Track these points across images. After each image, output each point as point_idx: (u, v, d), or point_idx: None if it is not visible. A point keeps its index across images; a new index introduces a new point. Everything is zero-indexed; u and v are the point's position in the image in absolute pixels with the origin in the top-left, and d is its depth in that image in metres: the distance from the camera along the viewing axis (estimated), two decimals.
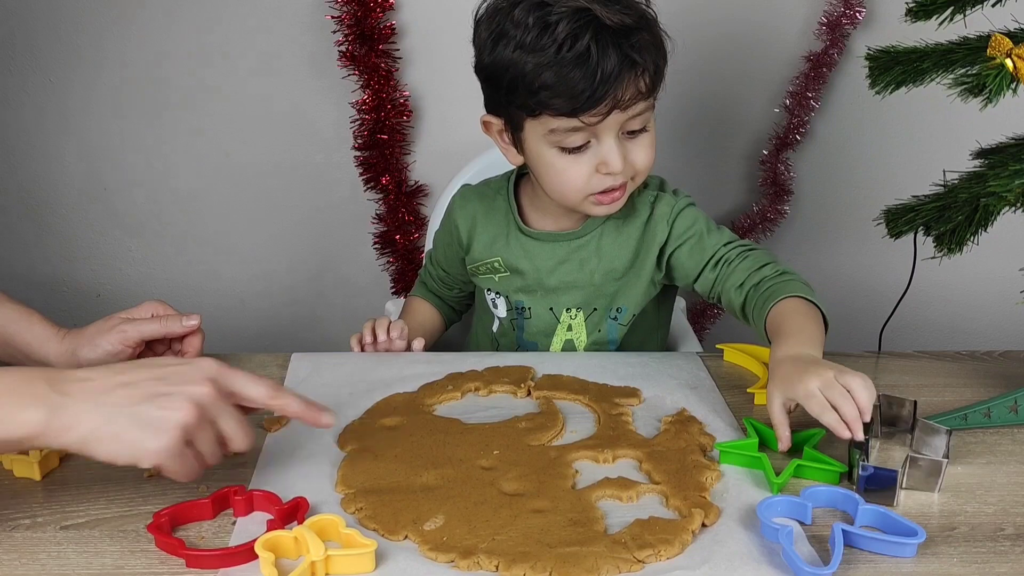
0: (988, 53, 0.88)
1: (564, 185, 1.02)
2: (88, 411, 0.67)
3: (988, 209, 0.94)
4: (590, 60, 0.93)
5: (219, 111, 1.67)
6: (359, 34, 1.56)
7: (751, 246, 1.06)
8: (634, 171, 1.03)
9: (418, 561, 0.70)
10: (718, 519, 0.75)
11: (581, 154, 1.00)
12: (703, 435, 0.87)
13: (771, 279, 0.99)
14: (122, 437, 0.67)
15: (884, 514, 0.74)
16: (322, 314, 1.80)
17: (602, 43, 0.93)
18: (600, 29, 0.93)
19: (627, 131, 1.00)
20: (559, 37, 0.93)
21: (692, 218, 1.08)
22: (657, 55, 0.98)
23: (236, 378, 0.73)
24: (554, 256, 1.11)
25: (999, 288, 1.78)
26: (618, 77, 0.94)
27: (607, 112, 0.95)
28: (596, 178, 1.01)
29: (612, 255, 1.09)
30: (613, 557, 0.69)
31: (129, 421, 0.67)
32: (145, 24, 1.60)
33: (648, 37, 0.97)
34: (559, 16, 0.93)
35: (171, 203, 1.72)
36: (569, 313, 1.12)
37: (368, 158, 1.65)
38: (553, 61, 0.93)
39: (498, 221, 1.15)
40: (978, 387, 1.00)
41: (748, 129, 1.72)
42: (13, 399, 0.67)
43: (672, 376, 1.01)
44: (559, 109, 0.96)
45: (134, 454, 0.68)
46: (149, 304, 0.98)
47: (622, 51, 0.94)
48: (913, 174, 1.14)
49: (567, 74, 0.93)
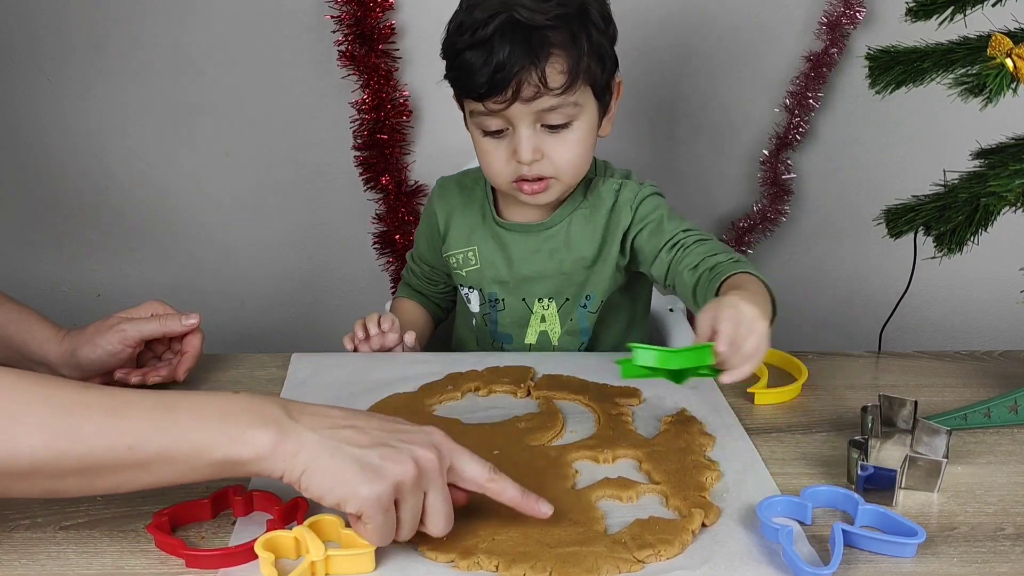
0: (988, 53, 0.88)
1: (488, 167, 1.07)
2: (316, 442, 0.65)
3: (988, 209, 0.94)
4: (490, 47, 0.97)
5: (219, 111, 1.67)
6: (359, 34, 1.57)
7: (708, 236, 1.06)
8: (554, 167, 1.04)
9: (418, 561, 0.70)
10: (718, 519, 0.75)
11: (500, 139, 1.04)
12: (703, 435, 0.87)
13: (725, 263, 0.99)
14: (338, 474, 0.65)
15: (884, 514, 0.74)
16: (322, 314, 1.80)
17: (506, 34, 0.97)
18: (508, 21, 0.97)
19: (546, 124, 1.02)
20: (475, 22, 0.99)
21: (654, 204, 1.10)
22: (575, 53, 0.99)
23: (460, 455, 0.70)
24: (526, 246, 1.13)
25: (999, 288, 1.78)
26: (511, 69, 0.97)
27: (508, 102, 0.99)
28: (513, 164, 1.04)
29: (581, 244, 1.11)
30: (613, 557, 0.69)
31: (351, 461, 0.65)
32: (145, 24, 1.60)
33: (562, 35, 0.99)
34: (485, 3, 0.99)
35: (171, 203, 1.72)
36: (542, 303, 1.14)
37: (368, 158, 1.65)
38: (466, 45, 0.99)
39: (474, 211, 1.17)
40: (978, 387, 1.00)
41: (748, 129, 1.72)
42: (246, 417, 0.65)
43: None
44: (467, 91, 1.01)
45: (344, 494, 0.65)
46: (149, 304, 0.98)
47: (524, 45, 0.97)
48: (913, 174, 1.14)
49: (470, 58, 0.99)
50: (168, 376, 0.98)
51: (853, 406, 0.94)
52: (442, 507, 0.68)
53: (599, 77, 1.03)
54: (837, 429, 0.90)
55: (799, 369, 1.01)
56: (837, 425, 0.91)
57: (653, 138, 1.73)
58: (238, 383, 0.99)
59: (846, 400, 0.96)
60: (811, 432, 0.90)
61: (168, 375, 0.98)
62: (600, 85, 1.04)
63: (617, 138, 1.70)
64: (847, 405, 0.95)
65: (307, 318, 1.81)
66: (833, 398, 0.97)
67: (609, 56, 1.05)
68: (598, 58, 1.02)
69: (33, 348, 0.94)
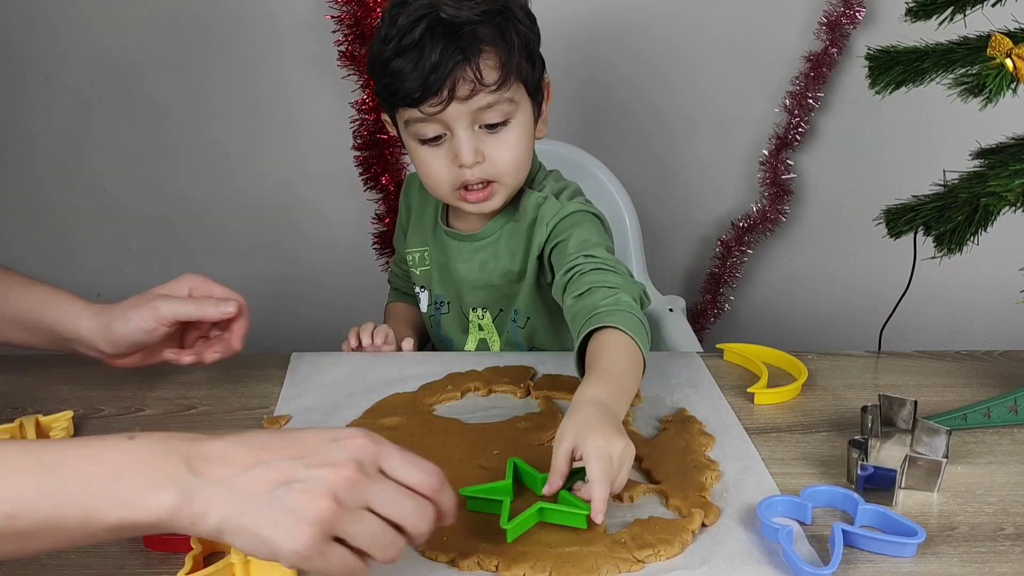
0: (988, 53, 0.88)
1: (429, 178, 1.04)
2: (221, 497, 0.57)
3: (988, 209, 0.94)
4: (420, 50, 0.95)
5: (219, 111, 1.67)
6: (359, 34, 1.57)
7: (608, 266, 0.96)
8: (495, 169, 1.02)
9: (418, 561, 0.70)
10: (718, 519, 0.75)
11: (439, 146, 1.02)
12: (703, 435, 0.87)
13: (603, 310, 0.89)
14: (256, 532, 0.56)
15: (884, 514, 0.74)
16: (322, 314, 1.80)
17: (435, 35, 0.95)
18: (435, 22, 0.96)
19: (484, 124, 1.00)
20: (400, 28, 0.97)
21: (571, 223, 1.03)
22: (506, 48, 0.98)
23: (391, 459, 0.61)
24: (461, 255, 1.12)
25: (999, 288, 1.78)
26: (444, 67, 0.95)
27: (444, 102, 0.97)
28: (455, 171, 1.02)
29: (507, 257, 1.10)
30: (613, 557, 0.69)
31: (262, 513, 0.57)
32: (145, 24, 1.60)
33: (490, 31, 0.98)
34: (407, 10, 0.97)
35: (171, 203, 1.73)
36: (476, 313, 1.14)
37: (368, 158, 1.65)
38: (394, 52, 0.97)
39: (429, 212, 1.17)
40: (978, 387, 1.00)
41: (748, 129, 1.72)
42: (142, 477, 0.57)
43: (672, 376, 1.01)
44: (401, 99, 0.99)
45: (271, 552, 0.57)
46: (187, 278, 0.93)
47: (454, 43, 0.95)
48: (913, 174, 1.14)
49: (401, 64, 0.97)
50: (225, 351, 0.94)
51: (853, 406, 0.94)
52: (401, 505, 0.59)
53: (530, 75, 1.02)
54: (837, 429, 0.90)
55: (799, 369, 1.01)
56: (837, 425, 0.91)
57: (653, 138, 1.73)
58: (239, 383, 0.99)
59: (846, 400, 0.96)
60: (811, 432, 0.90)
61: (225, 350, 0.94)
62: (532, 83, 1.03)
63: (617, 139, 1.71)
64: (847, 405, 0.95)
65: (307, 318, 1.81)
66: (833, 398, 0.97)
67: (537, 55, 1.04)
68: (527, 55, 1.01)
69: (66, 325, 0.91)
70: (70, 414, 0.88)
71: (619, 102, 1.70)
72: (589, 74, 1.67)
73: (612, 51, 1.67)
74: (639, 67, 1.68)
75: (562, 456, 0.74)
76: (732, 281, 1.80)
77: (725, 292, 1.81)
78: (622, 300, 0.90)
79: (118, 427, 0.90)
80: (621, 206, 1.42)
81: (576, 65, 1.66)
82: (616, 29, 1.65)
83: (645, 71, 1.69)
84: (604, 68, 1.68)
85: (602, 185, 1.42)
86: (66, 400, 0.94)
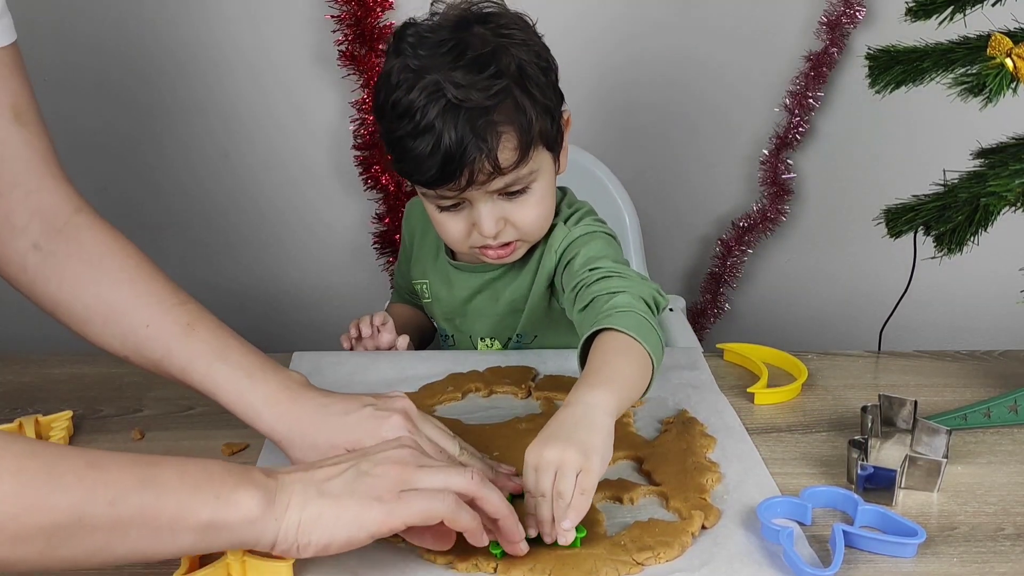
0: (988, 53, 0.88)
1: (446, 237, 1.02)
2: (301, 490, 0.63)
3: (988, 209, 0.94)
4: (437, 136, 0.89)
5: (218, 111, 1.67)
6: (359, 34, 1.57)
7: (614, 272, 0.92)
8: (518, 231, 0.99)
9: (416, 563, 0.69)
10: (718, 521, 0.75)
11: (458, 212, 0.98)
12: (704, 436, 0.87)
13: (603, 315, 0.85)
14: (337, 513, 0.62)
15: (884, 514, 0.74)
16: (322, 313, 1.80)
17: (448, 121, 0.89)
18: (449, 104, 0.89)
19: (506, 192, 0.96)
20: (414, 105, 0.90)
21: (579, 244, 1.01)
22: (525, 123, 0.92)
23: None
24: (469, 286, 1.10)
25: (999, 288, 1.77)
26: (463, 158, 0.90)
27: (462, 188, 0.93)
28: (474, 236, 0.99)
29: (517, 287, 1.07)
30: (612, 559, 0.69)
31: (341, 492, 0.64)
32: (144, 23, 1.60)
33: (506, 109, 0.91)
34: (421, 81, 0.90)
35: (170, 203, 1.73)
36: (484, 342, 1.12)
37: (368, 158, 1.65)
38: (406, 132, 0.91)
39: (431, 243, 1.15)
40: (978, 387, 1.00)
41: (748, 129, 1.72)
42: (232, 479, 0.62)
43: (674, 376, 1.00)
44: (417, 181, 0.95)
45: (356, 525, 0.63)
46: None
47: (470, 129, 0.89)
48: (913, 174, 1.14)
49: (416, 146, 0.91)
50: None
51: (853, 406, 0.94)
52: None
53: (550, 131, 0.96)
54: (837, 429, 0.90)
55: (799, 369, 1.01)
56: (837, 425, 0.91)
57: (653, 139, 1.73)
58: None
59: (846, 400, 0.96)
60: (811, 432, 0.90)
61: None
62: (551, 137, 0.97)
63: (617, 138, 1.71)
64: (847, 405, 0.95)
65: (307, 317, 1.81)
66: (833, 398, 0.97)
67: (555, 104, 0.97)
68: (547, 113, 0.95)
69: (246, 419, 0.80)
70: (70, 414, 0.88)
71: (619, 102, 1.70)
72: (589, 74, 1.67)
73: (612, 51, 1.67)
74: (639, 67, 1.68)
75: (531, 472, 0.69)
76: (732, 281, 1.80)
77: (725, 292, 1.81)
78: (619, 302, 0.86)
79: (118, 427, 0.90)
80: (621, 206, 1.42)
81: (576, 65, 1.66)
82: (616, 29, 1.65)
83: (645, 71, 1.69)
84: (604, 68, 1.68)
85: (602, 185, 1.42)
86: (66, 400, 0.94)
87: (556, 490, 0.67)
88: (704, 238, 1.81)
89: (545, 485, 0.68)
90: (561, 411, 0.73)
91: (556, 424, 0.71)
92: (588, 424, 0.71)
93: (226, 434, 0.87)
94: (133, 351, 0.81)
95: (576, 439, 0.69)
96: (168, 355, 0.80)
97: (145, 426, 0.89)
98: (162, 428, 0.89)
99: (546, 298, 1.06)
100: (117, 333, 0.81)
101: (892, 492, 0.77)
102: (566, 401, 0.74)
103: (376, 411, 0.76)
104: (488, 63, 0.91)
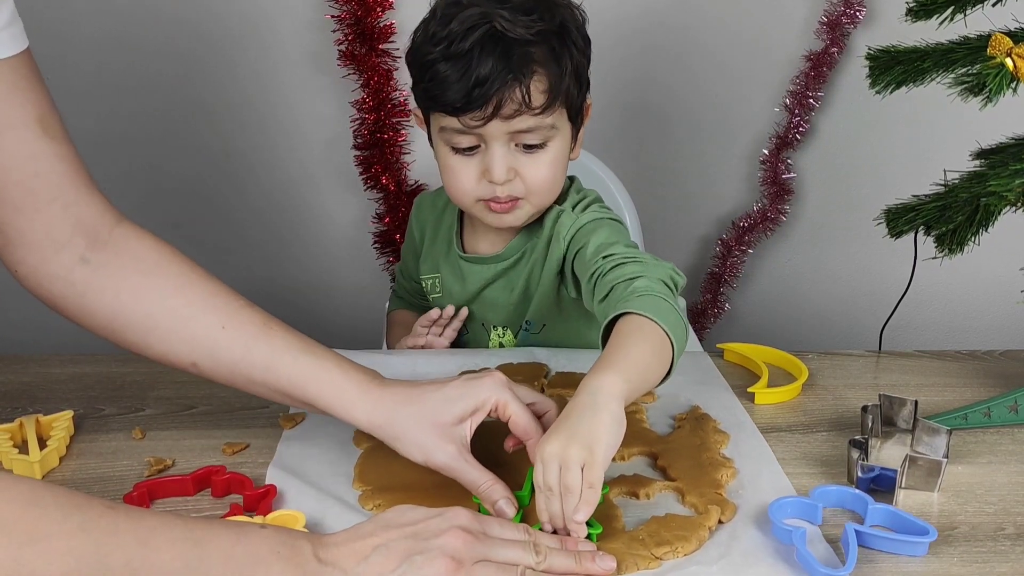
0: (988, 52, 0.88)
1: (454, 186, 1.02)
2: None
3: (988, 209, 0.94)
4: (469, 60, 0.92)
5: (219, 111, 1.67)
6: (359, 34, 1.57)
7: (628, 257, 0.91)
8: (526, 188, 1.00)
9: None
10: (734, 515, 0.75)
11: (471, 156, 0.99)
12: (718, 432, 0.87)
13: (621, 300, 0.84)
14: None
15: (894, 513, 0.74)
16: (323, 313, 1.80)
17: (487, 47, 0.92)
18: (489, 33, 0.92)
19: (522, 144, 0.98)
20: (451, 32, 0.93)
21: (588, 231, 1.01)
22: (558, 71, 0.95)
23: (490, 524, 0.67)
24: (482, 278, 1.10)
25: (999, 288, 1.78)
26: (492, 83, 0.92)
27: (486, 118, 0.94)
28: (483, 184, 0.99)
29: (529, 276, 1.08)
30: (632, 554, 0.69)
31: None
32: (144, 23, 1.60)
33: (544, 51, 0.94)
34: (461, 13, 0.93)
35: (170, 203, 1.72)
36: (497, 331, 1.12)
37: (368, 158, 1.65)
38: (441, 56, 0.94)
39: (442, 238, 1.15)
40: (978, 387, 1.00)
41: (748, 129, 1.72)
42: (279, 565, 0.60)
43: (683, 373, 1.00)
44: (441, 105, 0.96)
45: None
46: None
47: (505, 60, 0.92)
48: (913, 174, 1.14)
49: (446, 70, 0.93)
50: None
51: (853, 406, 0.94)
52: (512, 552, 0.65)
53: (575, 99, 0.99)
54: (837, 429, 0.90)
55: (799, 369, 1.01)
56: (837, 425, 0.91)
57: (654, 138, 1.73)
58: None
59: (846, 400, 0.96)
60: (811, 432, 0.90)
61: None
62: (575, 108, 1.00)
63: (618, 138, 1.71)
64: (847, 405, 0.95)
65: (307, 318, 1.81)
66: (833, 398, 0.97)
67: (585, 78, 1.01)
68: (576, 79, 0.98)
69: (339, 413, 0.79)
70: (70, 414, 0.88)
71: (619, 102, 1.69)
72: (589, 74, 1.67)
73: (612, 51, 1.67)
74: (639, 66, 1.68)
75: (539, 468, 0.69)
76: (732, 281, 1.80)
77: (725, 292, 1.81)
78: (638, 286, 0.84)
79: (119, 426, 0.89)
80: (622, 205, 1.42)
81: None
82: (616, 29, 1.65)
83: (645, 70, 1.69)
84: (604, 68, 1.68)
85: (603, 184, 1.42)
86: (66, 400, 0.94)
87: (563, 485, 0.67)
88: (704, 238, 1.81)
89: (551, 480, 0.67)
90: (571, 401, 0.72)
91: (563, 416, 0.71)
92: (592, 413, 0.70)
93: (227, 434, 0.87)
94: (206, 355, 0.79)
95: (579, 432, 0.68)
96: (248, 354, 0.79)
97: (146, 425, 0.89)
98: (163, 427, 0.89)
99: (555, 285, 1.07)
100: (187, 338, 0.79)
101: (892, 492, 0.77)
102: (576, 390, 0.73)
103: (470, 376, 0.76)
104: (534, 9, 0.94)
